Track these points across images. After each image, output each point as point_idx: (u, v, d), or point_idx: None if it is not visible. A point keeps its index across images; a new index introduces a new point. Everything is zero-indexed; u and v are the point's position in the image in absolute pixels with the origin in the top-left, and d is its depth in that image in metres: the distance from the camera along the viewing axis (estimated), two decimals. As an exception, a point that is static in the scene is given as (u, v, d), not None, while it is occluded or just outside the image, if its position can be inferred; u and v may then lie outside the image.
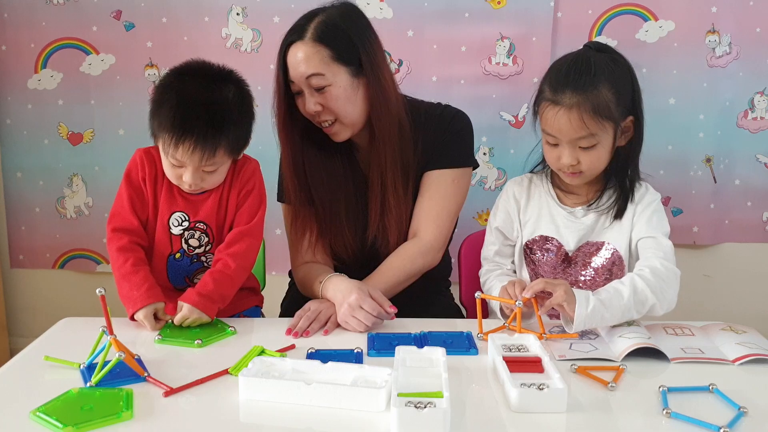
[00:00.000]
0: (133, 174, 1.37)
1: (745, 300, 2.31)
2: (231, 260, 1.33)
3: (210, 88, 1.28)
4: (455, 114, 1.55)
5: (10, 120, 2.35)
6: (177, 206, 1.37)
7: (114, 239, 1.33)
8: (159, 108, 1.28)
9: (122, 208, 1.35)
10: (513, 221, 1.46)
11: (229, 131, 1.28)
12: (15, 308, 2.53)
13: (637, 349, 1.12)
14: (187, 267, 1.40)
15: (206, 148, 1.26)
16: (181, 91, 1.27)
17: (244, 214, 1.38)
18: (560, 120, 1.28)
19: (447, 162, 1.51)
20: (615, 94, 1.28)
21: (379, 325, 1.28)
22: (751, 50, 2.15)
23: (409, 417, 0.88)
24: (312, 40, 1.37)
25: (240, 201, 1.39)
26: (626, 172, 1.39)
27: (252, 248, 1.37)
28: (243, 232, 1.36)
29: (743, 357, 1.12)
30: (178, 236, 1.38)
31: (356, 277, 1.39)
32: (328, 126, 1.45)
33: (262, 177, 1.43)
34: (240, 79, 1.34)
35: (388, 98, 1.44)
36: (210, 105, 1.27)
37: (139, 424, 0.92)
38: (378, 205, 1.50)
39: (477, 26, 2.16)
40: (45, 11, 2.25)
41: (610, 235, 1.38)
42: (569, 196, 1.42)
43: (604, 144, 1.31)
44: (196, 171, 1.29)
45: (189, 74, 1.31)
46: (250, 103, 1.35)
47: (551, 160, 1.36)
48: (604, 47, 1.35)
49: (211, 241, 1.40)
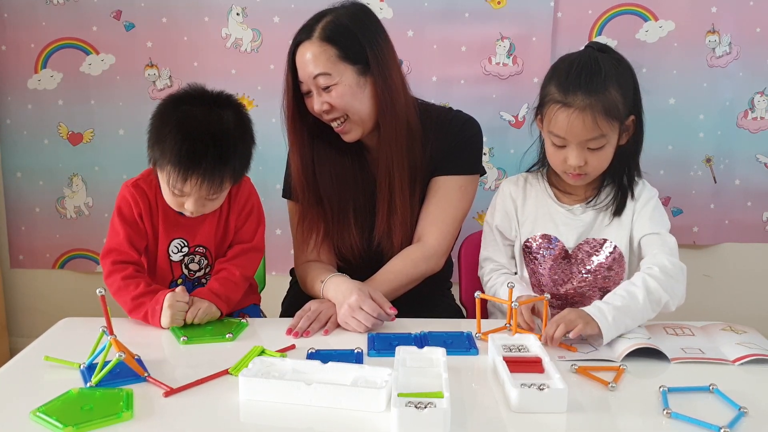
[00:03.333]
0: (126, 211, 1.34)
1: (745, 300, 2.31)
2: (235, 268, 1.34)
3: (212, 116, 1.25)
4: (466, 120, 1.55)
5: (10, 120, 2.35)
6: (175, 233, 1.36)
7: (116, 270, 1.30)
8: (162, 139, 1.24)
9: (120, 245, 1.33)
10: (511, 220, 1.46)
11: (234, 161, 1.26)
12: (15, 308, 2.53)
13: (637, 350, 1.12)
14: (189, 292, 1.39)
15: (214, 181, 1.24)
16: (183, 122, 1.23)
17: (245, 234, 1.39)
18: (573, 122, 1.27)
19: (455, 168, 1.51)
20: (621, 94, 1.29)
21: (379, 326, 1.28)
22: (751, 50, 2.15)
23: (410, 417, 0.88)
24: (319, 39, 1.38)
25: (239, 222, 1.39)
26: (625, 170, 1.39)
27: (254, 260, 1.40)
28: (245, 249, 1.39)
29: (743, 357, 1.12)
30: (178, 263, 1.38)
31: (359, 279, 1.40)
32: (339, 125, 1.44)
33: (257, 195, 1.44)
34: (239, 104, 1.32)
35: (396, 98, 1.44)
36: (215, 136, 1.23)
37: (139, 424, 0.92)
38: (385, 207, 1.49)
39: (477, 26, 2.16)
40: (45, 11, 2.25)
41: (611, 232, 1.39)
42: (567, 195, 1.43)
43: (611, 144, 1.32)
44: (199, 200, 1.28)
45: (188, 102, 1.27)
46: (250, 127, 1.32)
47: (556, 162, 1.36)
48: (604, 47, 1.36)
49: (210, 263, 1.40)
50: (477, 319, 1.25)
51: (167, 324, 1.25)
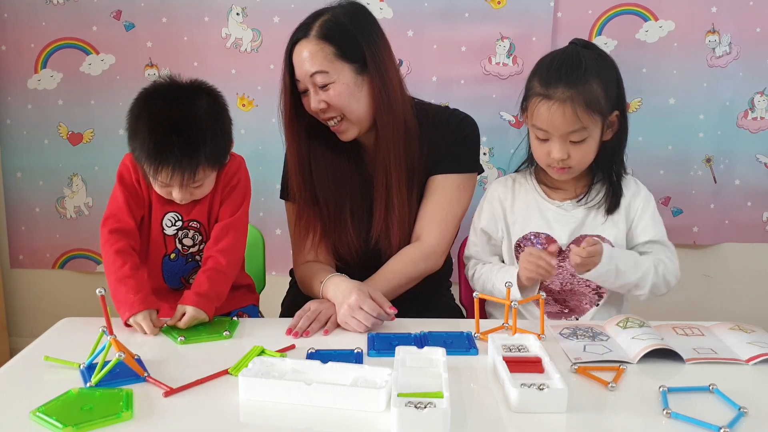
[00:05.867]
0: (126, 176, 1.37)
1: (745, 300, 2.31)
2: (221, 257, 1.34)
3: (180, 107, 1.27)
4: (463, 119, 1.55)
5: (10, 120, 2.35)
6: (170, 206, 1.37)
7: (111, 241, 1.32)
8: (134, 136, 1.28)
9: (118, 209, 1.35)
10: (498, 222, 1.47)
11: (205, 148, 1.27)
12: (15, 308, 2.53)
13: (649, 351, 1.11)
14: (183, 267, 1.40)
15: (186, 171, 1.26)
16: (151, 117, 1.26)
17: (228, 208, 1.39)
18: (554, 114, 1.30)
19: (453, 167, 1.51)
20: (603, 88, 1.32)
21: (379, 326, 1.28)
22: (751, 50, 2.14)
23: (409, 417, 0.88)
24: (316, 37, 1.38)
25: (224, 195, 1.39)
26: (612, 166, 1.40)
27: (238, 241, 1.39)
28: (227, 226, 1.37)
29: (757, 357, 1.11)
30: (171, 236, 1.38)
31: (358, 278, 1.39)
32: (336, 124, 1.45)
33: (247, 172, 1.43)
34: (211, 88, 1.33)
35: (393, 97, 1.44)
36: (182, 127, 1.25)
37: (139, 424, 0.92)
38: (383, 206, 1.49)
39: (477, 26, 2.16)
40: (45, 11, 2.25)
41: (605, 229, 1.40)
42: (557, 192, 1.44)
43: (593, 137, 1.34)
44: (184, 188, 1.29)
45: (157, 96, 1.29)
46: (224, 110, 1.34)
47: (540, 156, 1.38)
48: (589, 44, 1.39)
49: (204, 239, 1.40)
50: (476, 319, 1.25)
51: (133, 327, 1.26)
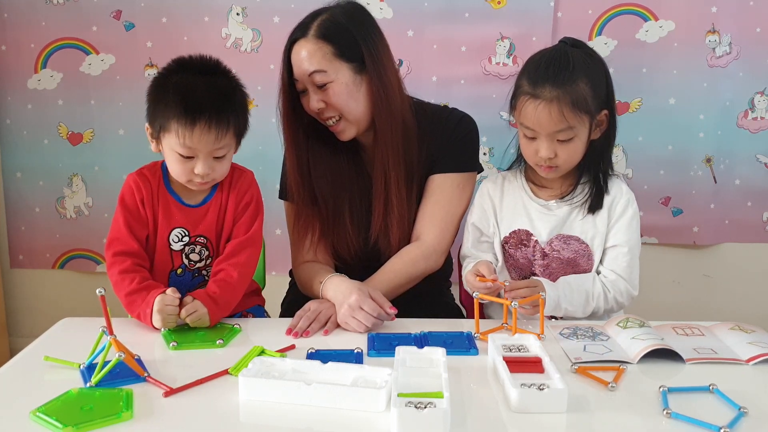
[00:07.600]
0: (128, 198, 1.35)
1: (745, 300, 2.31)
2: (233, 270, 1.33)
3: (208, 73, 1.30)
4: (462, 118, 1.55)
5: (10, 120, 2.35)
6: (176, 222, 1.36)
7: (116, 263, 1.31)
8: (163, 100, 1.28)
9: (120, 232, 1.33)
10: (489, 217, 1.48)
11: (235, 108, 1.30)
12: (15, 308, 2.53)
13: (649, 351, 1.11)
14: (189, 282, 1.39)
15: (220, 126, 1.26)
16: (181, 81, 1.28)
17: (242, 226, 1.38)
18: (541, 113, 1.30)
19: (452, 166, 1.51)
20: (591, 88, 1.32)
21: (379, 326, 1.28)
22: (751, 50, 2.15)
23: (409, 417, 0.88)
24: (315, 37, 1.38)
25: (238, 213, 1.38)
26: (600, 165, 1.41)
27: (253, 257, 1.38)
28: (242, 243, 1.36)
29: (757, 357, 1.11)
30: (178, 252, 1.38)
31: (357, 278, 1.39)
32: (334, 124, 1.45)
33: (258, 188, 1.43)
34: (228, 69, 1.36)
35: (391, 96, 1.44)
36: (214, 86, 1.28)
37: (139, 425, 0.92)
38: (382, 205, 1.49)
39: (477, 26, 2.16)
40: (45, 11, 2.25)
41: (582, 228, 1.40)
42: (544, 190, 1.45)
43: (580, 137, 1.34)
44: (207, 158, 1.28)
45: (183, 66, 1.32)
46: (243, 89, 1.36)
47: (528, 154, 1.38)
48: (578, 43, 1.39)
49: (211, 255, 1.40)
50: (476, 319, 1.25)
51: (160, 326, 1.24)
